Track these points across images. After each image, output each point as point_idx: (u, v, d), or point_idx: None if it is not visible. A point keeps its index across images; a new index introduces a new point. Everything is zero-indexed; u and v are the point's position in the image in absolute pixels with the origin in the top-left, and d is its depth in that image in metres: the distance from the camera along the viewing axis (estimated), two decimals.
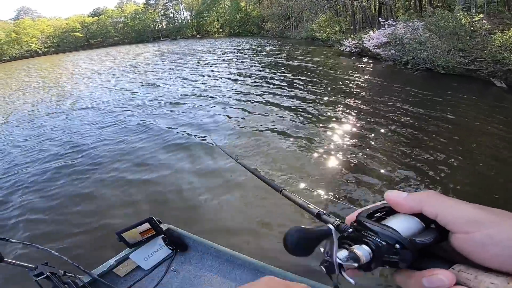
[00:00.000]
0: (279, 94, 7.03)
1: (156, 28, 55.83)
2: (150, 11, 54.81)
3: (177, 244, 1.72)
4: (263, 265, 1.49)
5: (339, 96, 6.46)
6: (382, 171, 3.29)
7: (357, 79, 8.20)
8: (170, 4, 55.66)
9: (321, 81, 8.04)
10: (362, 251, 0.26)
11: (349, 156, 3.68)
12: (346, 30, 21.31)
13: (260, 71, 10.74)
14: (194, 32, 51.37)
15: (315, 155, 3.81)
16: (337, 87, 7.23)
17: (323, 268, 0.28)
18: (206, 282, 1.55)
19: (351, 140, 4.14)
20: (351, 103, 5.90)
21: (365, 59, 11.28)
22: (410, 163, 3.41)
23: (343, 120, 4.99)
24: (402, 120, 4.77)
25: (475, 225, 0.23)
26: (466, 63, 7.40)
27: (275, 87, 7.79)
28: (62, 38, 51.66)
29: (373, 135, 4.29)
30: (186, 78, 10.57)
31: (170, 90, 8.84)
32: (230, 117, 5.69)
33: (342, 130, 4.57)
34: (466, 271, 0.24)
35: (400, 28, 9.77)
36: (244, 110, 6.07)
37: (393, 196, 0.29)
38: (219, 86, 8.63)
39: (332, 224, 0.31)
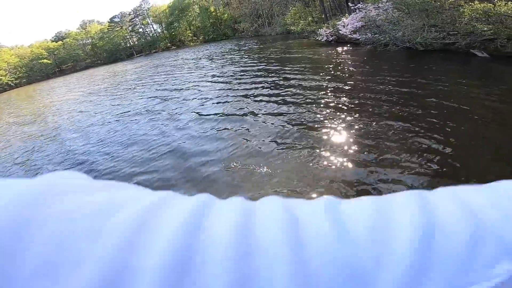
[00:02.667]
0: (264, 94, 7.00)
1: (128, 45, 54.71)
2: (117, 29, 53.65)
3: None
4: None
5: (325, 86, 6.47)
6: (376, 155, 3.33)
7: (339, 66, 8.24)
8: (137, 19, 54.70)
9: (304, 72, 8.05)
10: None
11: (345, 149, 3.70)
12: (319, 19, 21.64)
13: (242, 77, 10.72)
14: (169, 44, 50.68)
15: (310, 154, 3.82)
16: (321, 77, 7.23)
17: None
18: None
19: (347, 131, 4.17)
20: (338, 92, 5.90)
21: (343, 47, 11.47)
22: (403, 145, 3.44)
23: (332, 111, 4.99)
24: (392, 101, 4.82)
25: None
26: (441, 37, 7.64)
27: (261, 86, 7.79)
28: (31, 67, 49.76)
29: (362, 122, 4.30)
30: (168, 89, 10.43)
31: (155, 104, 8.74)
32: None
33: (333, 122, 4.56)
34: None
35: (371, 11, 9.99)
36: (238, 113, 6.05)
37: None
38: (199, 95, 8.59)
39: None
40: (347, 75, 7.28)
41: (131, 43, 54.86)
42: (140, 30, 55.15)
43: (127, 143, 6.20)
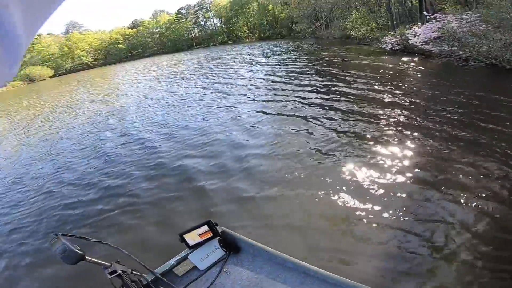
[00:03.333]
0: (318, 104, 6.64)
1: (190, 36, 58.71)
2: (182, 20, 57.75)
3: (230, 246, 1.81)
4: (314, 269, 1.51)
5: (389, 101, 5.99)
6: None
7: (405, 77, 7.80)
8: (200, 12, 58.14)
9: (366, 84, 7.66)
10: None
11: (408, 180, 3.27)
12: (384, 26, 20.40)
13: (295, 78, 10.75)
14: (225, 38, 52.93)
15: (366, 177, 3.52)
16: (386, 91, 6.76)
17: None
18: (257, 284, 1.59)
19: (408, 159, 3.70)
20: (399, 105, 5.52)
21: (411, 57, 10.74)
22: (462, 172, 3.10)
23: (388, 126, 4.61)
24: (462, 121, 4.36)
25: None
26: None
27: (314, 95, 7.51)
28: (108, 51, 56.67)
29: (420, 143, 3.95)
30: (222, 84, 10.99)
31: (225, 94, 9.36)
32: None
33: (385, 137, 4.24)
34: None
35: (452, 21, 9.16)
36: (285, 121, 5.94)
37: None
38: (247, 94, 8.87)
39: None
40: (413, 87, 6.79)
41: (192, 35, 58.77)
42: (202, 23, 58.65)
43: (182, 126, 6.87)
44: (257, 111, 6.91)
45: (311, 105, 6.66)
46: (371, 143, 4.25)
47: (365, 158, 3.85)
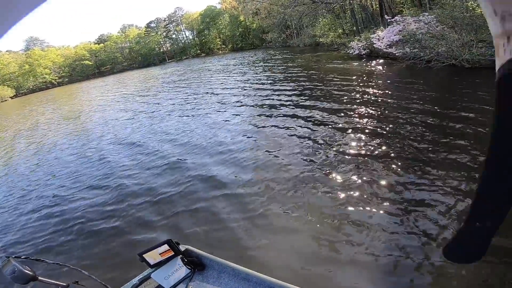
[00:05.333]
0: (290, 106, 6.82)
1: (161, 50, 57.64)
2: (153, 34, 56.75)
3: (195, 264, 1.82)
4: (280, 283, 1.53)
5: (356, 106, 6.02)
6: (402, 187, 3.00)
7: (371, 82, 7.81)
8: (171, 25, 57.56)
9: (333, 90, 7.66)
10: None
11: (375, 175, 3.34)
12: (350, 32, 21.12)
13: (268, 86, 10.56)
14: (198, 51, 52.62)
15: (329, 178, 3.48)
16: (354, 96, 6.78)
17: None
18: None
19: (374, 157, 3.75)
20: (371, 113, 5.47)
21: (377, 61, 10.94)
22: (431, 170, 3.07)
23: (362, 133, 4.59)
24: (427, 123, 4.37)
25: None
26: (490, 54, 6.95)
27: (286, 101, 7.59)
28: (74, 67, 53.89)
29: (395, 147, 3.91)
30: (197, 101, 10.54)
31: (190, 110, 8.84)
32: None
33: (361, 143, 4.23)
34: None
35: (411, 24, 9.43)
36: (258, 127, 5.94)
37: None
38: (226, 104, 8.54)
39: None
40: (379, 92, 6.83)
41: (164, 49, 57.78)
42: (173, 36, 57.96)
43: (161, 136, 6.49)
44: (241, 131, 6.34)
45: (289, 107, 6.94)
46: (341, 142, 4.38)
47: (335, 160, 3.89)
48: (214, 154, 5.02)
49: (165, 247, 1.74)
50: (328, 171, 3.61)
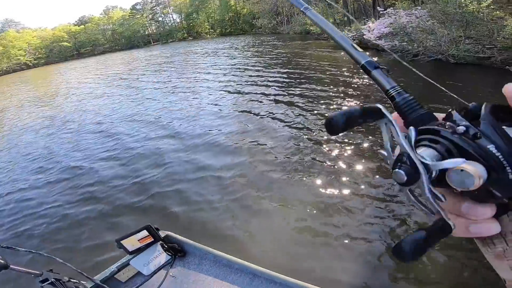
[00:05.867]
0: (277, 93, 6.70)
1: (146, 33, 54.94)
2: (138, 16, 53.90)
3: (175, 250, 1.77)
4: (261, 270, 1.53)
5: (341, 94, 6.04)
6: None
7: (359, 73, 7.76)
8: (158, 8, 54.78)
9: (320, 77, 7.62)
10: (475, 165, 0.18)
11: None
12: (341, 21, 20.82)
13: (256, 72, 10.28)
14: (186, 35, 50.58)
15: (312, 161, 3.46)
16: (340, 84, 6.79)
17: (402, 174, 0.19)
18: (205, 286, 1.59)
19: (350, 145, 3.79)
20: (355, 101, 5.51)
21: (367, 52, 10.83)
22: None
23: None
24: None
25: None
26: (475, 51, 6.97)
27: (272, 86, 7.49)
28: (51, 49, 50.71)
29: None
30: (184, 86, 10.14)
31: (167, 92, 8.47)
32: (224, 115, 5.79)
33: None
34: None
35: (402, 17, 9.29)
36: (245, 112, 5.83)
37: None
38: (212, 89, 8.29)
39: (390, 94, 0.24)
40: (365, 81, 6.76)
41: (150, 31, 55.09)
42: (160, 19, 55.27)
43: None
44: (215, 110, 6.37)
45: (276, 92, 6.84)
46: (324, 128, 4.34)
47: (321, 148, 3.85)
48: (196, 137, 4.93)
49: (144, 233, 1.69)
50: (311, 156, 3.61)
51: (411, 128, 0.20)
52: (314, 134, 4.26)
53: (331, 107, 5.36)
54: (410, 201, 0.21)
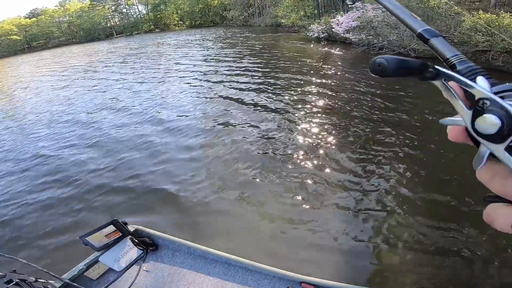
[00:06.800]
0: (245, 89, 6.52)
1: (108, 25, 50.99)
2: (99, 7, 49.78)
3: (146, 244, 1.73)
4: (236, 259, 1.55)
5: (307, 87, 6.07)
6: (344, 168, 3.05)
7: (326, 67, 7.82)
8: None
9: (288, 70, 7.59)
10: None
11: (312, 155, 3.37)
12: (311, 14, 20.82)
13: (226, 63, 9.87)
14: (152, 26, 47.79)
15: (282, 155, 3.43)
16: (309, 76, 6.83)
17: (497, 121, 0.18)
18: (180, 279, 1.58)
19: (318, 137, 3.81)
20: (320, 96, 5.53)
21: (334, 46, 10.84)
22: (369, 159, 3.17)
23: (309, 114, 4.71)
24: (371, 115, 4.51)
25: None
26: None
27: (241, 79, 7.30)
28: None
29: (338, 130, 4.06)
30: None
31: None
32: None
33: (307, 125, 4.31)
34: None
35: (369, 11, 9.36)
36: (211, 103, 5.76)
37: None
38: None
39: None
40: (332, 72, 6.93)
41: (112, 23, 51.20)
42: (124, 10, 51.55)
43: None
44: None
45: (246, 83, 6.76)
46: (293, 119, 4.42)
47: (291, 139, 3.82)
48: (159, 124, 4.80)
49: (111, 228, 1.65)
50: (280, 148, 3.55)
51: (481, 77, 0.20)
52: (282, 125, 4.25)
53: (305, 93, 5.54)
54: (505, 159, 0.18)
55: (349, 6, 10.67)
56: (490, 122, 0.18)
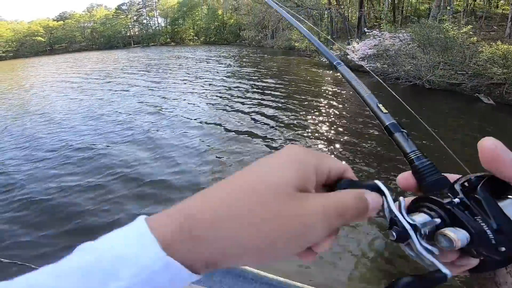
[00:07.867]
0: (255, 111, 6.44)
1: (128, 34, 53.08)
2: (122, 16, 52.18)
3: None
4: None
5: (319, 114, 6.02)
6: None
7: (338, 91, 7.76)
8: (144, 10, 53.49)
9: (299, 96, 7.49)
10: (457, 233, 0.21)
11: None
12: (325, 40, 21.05)
13: (237, 87, 9.77)
14: (168, 39, 49.49)
15: None
16: (318, 101, 6.84)
17: (393, 234, 0.23)
18: None
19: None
20: (332, 123, 5.50)
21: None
22: None
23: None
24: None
25: None
26: (448, 76, 6.93)
27: (250, 103, 7.17)
28: (22, 43, 47.31)
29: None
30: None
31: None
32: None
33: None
34: None
35: (387, 39, 9.15)
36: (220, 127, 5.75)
37: (497, 155, 0.21)
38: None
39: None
40: (342, 99, 6.86)
41: (132, 33, 53.30)
42: (145, 21, 53.86)
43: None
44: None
45: (255, 104, 6.95)
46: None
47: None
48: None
49: None
50: None
51: (401, 198, 0.24)
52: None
53: (306, 123, 5.58)
54: (408, 254, 0.24)
55: (366, 33, 10.55)
56: (390, 235, 0.23)
